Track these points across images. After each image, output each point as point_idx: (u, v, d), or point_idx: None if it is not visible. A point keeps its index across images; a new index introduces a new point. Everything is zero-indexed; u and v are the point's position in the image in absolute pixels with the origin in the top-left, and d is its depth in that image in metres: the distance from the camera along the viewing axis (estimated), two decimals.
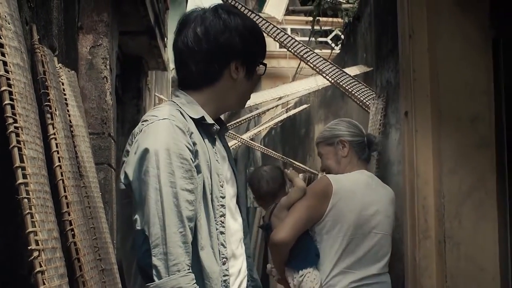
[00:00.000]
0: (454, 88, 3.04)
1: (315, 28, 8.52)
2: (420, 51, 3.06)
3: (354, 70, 4.90)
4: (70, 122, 3.16)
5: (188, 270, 1.64)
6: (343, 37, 7.02)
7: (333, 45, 9.41)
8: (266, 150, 9.22)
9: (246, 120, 9.30)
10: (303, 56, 4.50)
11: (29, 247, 2.11)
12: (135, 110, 6.22)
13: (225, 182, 1.83)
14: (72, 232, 2.70)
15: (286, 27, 11.98)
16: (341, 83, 4.57)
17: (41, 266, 2.12)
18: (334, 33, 9.89)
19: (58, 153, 2.72)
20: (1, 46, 2.21)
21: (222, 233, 1.77)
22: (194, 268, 1.66)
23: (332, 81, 4.65)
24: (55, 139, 2.73)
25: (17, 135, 2.18)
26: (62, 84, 3.14)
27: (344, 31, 6.58)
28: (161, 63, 6.71)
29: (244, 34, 1.84)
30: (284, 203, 2.94)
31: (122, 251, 1.85)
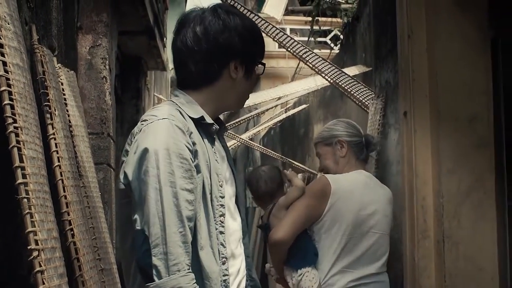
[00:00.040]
0: (453, 88, 3.04)
1: (314, 28, 8.52)
2: (419, 51, 3.06)
3: (353, 70, 4.90)
4: (70, 122, 3.16)
5: (188, 270, 1.64)
6: (342, 37, 7.02)
7: (332, 45, 9.41)
8: (265, 150, 9.21)
9: (245, 120, 9.29)
10: (302, 56, 4.50)
11: (29, 247, 2.11)
12: (134, 110, 6.22)
13: (224, 182, 1.83)
14: (72, 232, 2.70)
15: (285, 27, 11.97)
16: (340, 83, 4.57)
17: (40, 265, 2.12)
18: (333, 33, 9.89)
19: (57, 153, 2.72)
20: (1, 46, 2.21)
21: (221, 233, 1.77)
22: (194, 268, 1.66)
23: (331, 81, 4.65)
24: (55, 139, 2.73)
25: (17, 135, 2.18)
26: (62, 84, 3.14)
27: (343, 31, 6.58)
28: (160, 63, 6.70)
29: (243, 34, 1.84)
30: (283, 202, 2.95)
31: (121, 251, 1.85)
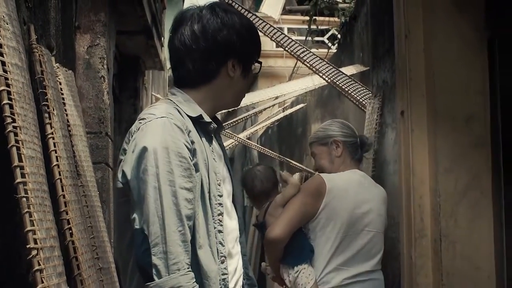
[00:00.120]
0: (450, 88, 3.05)
1: (312, 27, 8.52)
2: (416, 51, 3.07)
3: (350, 69, 4.91)
4: (68, 121, 3.16)
5: (188, 269, 1.63)
6: (339, 37, 7.04)
7: (329, 44, 9.41)
8: (263, 149, 9.21)
9: (242, 119, 9.29)
10: (299, 56, 4.50)
11: (28, 246, 2.11)
12: (132, 110, 6.22)
13: (222, 181, 1.83)
14: (70, 231, 2.71)
15: (282, 26, 11.96)
16: (337, 83, 4.58)
17: (39, 264, 2.12)
18: (330, 33, 9.89)
19: (56, 152, 2.73)
20: (0, 46, 2.22)
21: (220, 231, 1.77)
22: (192, 267, 1.66)
23: (329, 80, 4.66)
24: (53, 139, 2.74)
25: (16, 135, 2.19)
26: (60, 84, 3.15)
27: (341, 31, 6.60)
28: (158, 63, 6.70)
29: (241, 32, 1.84)
30: (279, 200, 2.97)
31: (118, 250, 1.84)
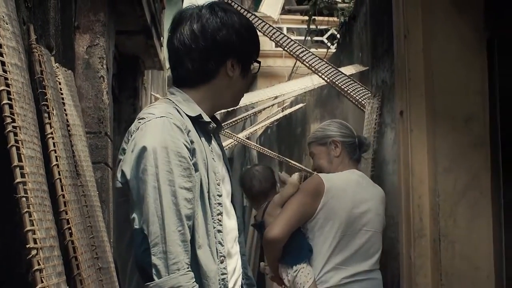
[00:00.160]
0: (449, 88, 3.06)
1: (311, 27, 8.52)
2: (415, 51, 3.08)
3: (349, 69, 4.91)
4: (67, 121, 3.16)
5: (188, 268, 1.63)
6: (339, 37, 7.04)
7: (329, 44, 9.42)
8: (262, 149, 9.21)
9: (242, 119, 9.29)
10: (299, 56, 4.51)
11: (27, 246, 2.11)
12: (132, 109, 6.22)
13: (221, 181, 1.83)
14: (70, 231, 2.71)
15: (282, 26, 11.96)
16: (336, 82, 4.59)
17: (39, 264, 2.12)
18: (330, 33, 9.89)
19: (55, 152, 2.73)
20: (0, 46, 2.22)
21: (219, 231, 1.77)
22: (192, 267, 1.66)
23: (328, 80, 4.66)
24: (53, 138, 2.74)
25: (15, 135, 2.19)
26: (59, 84, 3.15)
27: (340, 31, 6.60)
28: (157, 63, 6.70)
29: (240, 31, 1.83)
30: (278, 200, 2.97)
31: (117, 250, 1.84)
